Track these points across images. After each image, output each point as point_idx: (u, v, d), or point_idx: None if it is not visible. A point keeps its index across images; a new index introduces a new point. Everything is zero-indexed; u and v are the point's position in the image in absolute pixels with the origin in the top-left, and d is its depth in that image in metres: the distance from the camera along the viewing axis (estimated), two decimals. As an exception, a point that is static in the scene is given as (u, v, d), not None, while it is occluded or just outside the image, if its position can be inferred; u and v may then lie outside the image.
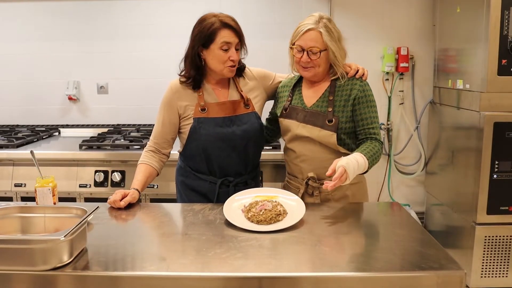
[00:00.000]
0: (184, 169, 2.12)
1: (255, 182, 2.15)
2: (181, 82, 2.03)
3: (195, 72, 2.00)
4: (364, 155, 1.84)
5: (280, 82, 2.17)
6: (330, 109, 1.95)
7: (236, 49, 1.96)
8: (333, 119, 1.93)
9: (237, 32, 1.94)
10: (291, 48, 1.97)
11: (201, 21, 1.95)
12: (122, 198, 1.84)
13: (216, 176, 2.05)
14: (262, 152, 2.20)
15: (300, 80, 2.09)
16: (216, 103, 2.02)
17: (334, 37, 1.90)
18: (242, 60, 2.08)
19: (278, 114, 2.09)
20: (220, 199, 1.99)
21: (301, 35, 1.90)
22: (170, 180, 2.67)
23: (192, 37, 1.97)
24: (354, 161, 1.79)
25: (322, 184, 1.96)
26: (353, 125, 1.97)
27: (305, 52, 1.90)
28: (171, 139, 2.08)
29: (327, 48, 1.89)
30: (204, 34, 1.92)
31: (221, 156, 2.01)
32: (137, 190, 1.91)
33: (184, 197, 2.12)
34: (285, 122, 2.04)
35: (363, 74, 1.99)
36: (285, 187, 2.15)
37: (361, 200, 2.05)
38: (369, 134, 1.96)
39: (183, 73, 2.03)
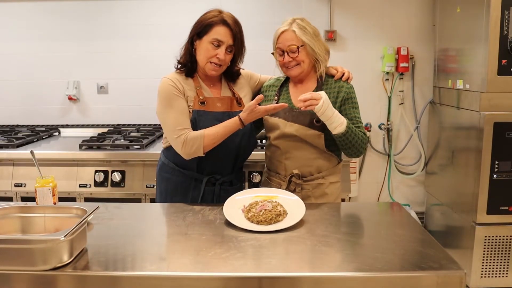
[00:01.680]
0: (167, 165, 2.07)
1: (240, 183, 2.16)
2: (176, 69, 2.04)
3: (187, 59, 2.01)
4: (347, 121, 1.90)
5: (264, 83, 2.21)
6: None
7: (229, 51, 1.96)
8: (321, 119, 1.94)
9: (234, 34, 1.94)
10: (273, 54, 2.05)
11: (206, 12, 1.98)
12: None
13: (203, 173, 2.02)
14: (261, 153, 2.19)
15: (286, 80, 2.12)
16: (216, 97, 2.02)
17: (308, 33, 1.97)
18: (233, 66, 2.06)
19: None
20: (205, 197, 2.00)
21: (277, 39, 2.01)
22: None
23: (193, 24, 1.99)
24: (333, 107, 1.87)
25: (305, 181, 2.00)
26: None
27: (286, 53, 1.98)
28: (190, 123, 1.96)
29: (304, 43, 1.95)
30: (202, 24, 1.95)
31: (214, 152, 1.97)
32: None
33: (165, 195, 2.08)
34: (271, 120, 2.05)
35: (348, 77, 2.05)
36: (264, 183, 2.16)
37: (337, 199, 2.10)
38: None
39: (180, 59, 2.04)
